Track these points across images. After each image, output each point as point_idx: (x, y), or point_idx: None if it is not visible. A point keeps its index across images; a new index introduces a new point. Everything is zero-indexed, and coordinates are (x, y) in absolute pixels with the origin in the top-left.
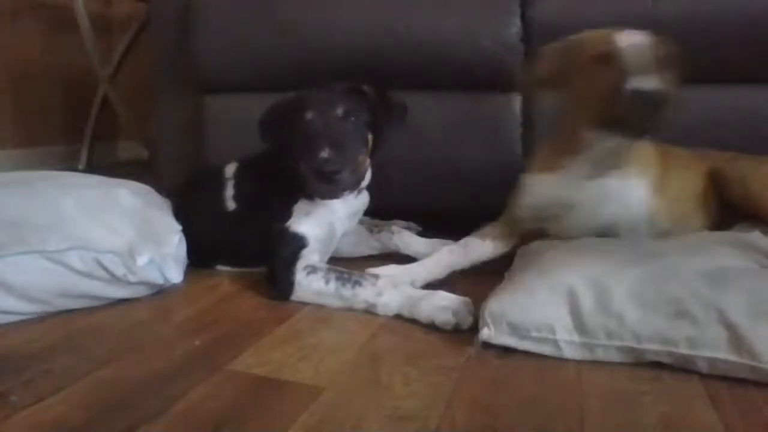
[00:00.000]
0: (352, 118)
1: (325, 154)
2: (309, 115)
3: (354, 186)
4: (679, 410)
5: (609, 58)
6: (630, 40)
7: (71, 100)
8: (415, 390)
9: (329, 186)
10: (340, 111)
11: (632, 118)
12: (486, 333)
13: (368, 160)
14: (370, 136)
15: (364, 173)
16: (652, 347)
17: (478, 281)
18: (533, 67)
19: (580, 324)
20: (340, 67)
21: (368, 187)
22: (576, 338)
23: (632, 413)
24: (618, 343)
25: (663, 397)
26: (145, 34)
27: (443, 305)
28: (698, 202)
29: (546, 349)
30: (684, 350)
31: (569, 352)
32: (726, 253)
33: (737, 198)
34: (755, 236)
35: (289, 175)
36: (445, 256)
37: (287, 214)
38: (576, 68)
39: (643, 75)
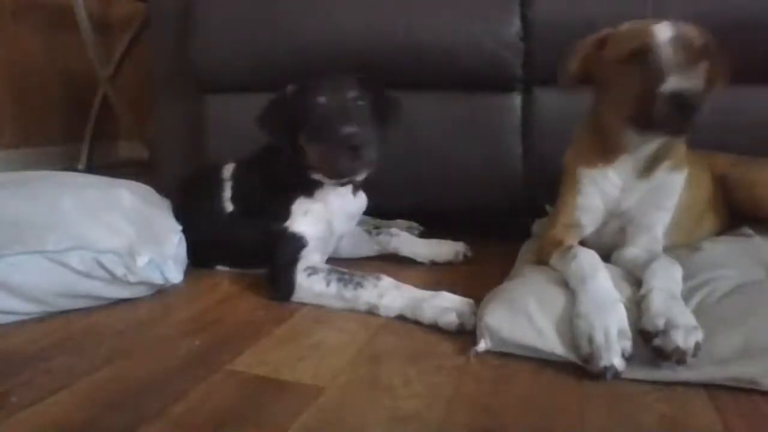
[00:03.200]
0: (360, 103)
1: (349, 129)
2: (322, 98)
3: (372, 166)
4: (679, 410)
5: (644, 56)
6: (666, 35)
7: (71, 100)
8: (415, 390)
9: (353, 162)
10: (351, 94)
11: (669, 120)
12: (483, 345)
13: None
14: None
15: (377, 154)
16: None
17: (479, 281)
18: (569, 62)
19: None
20: (340, 67)
21: (365, 188)
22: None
23: (632, 413)
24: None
25: (663, 397)
26: (145, 34)
27: (446, 306)
28: (710, 205)
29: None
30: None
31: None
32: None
33: (742, 201)
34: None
35: (290, 171)
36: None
37: (286, 214)
38: (611, 65)
39: (680, 73)
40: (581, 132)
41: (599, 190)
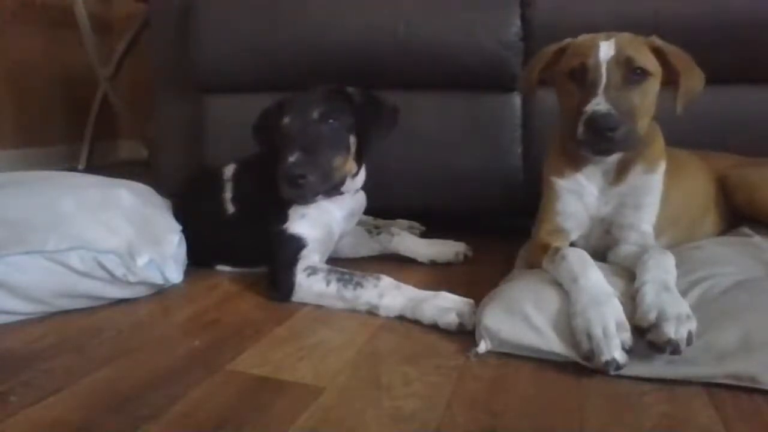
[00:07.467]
0: (330, 121)
1: (292, 158)
2: (286, 119)
3: (327, 190)
4: (679, 410)
5: (581, 75)
6: (604, 55)
7: (71, 100)
8: (415, 390)
9: (296, 190)
10: (316, 114)
11: (589, 140)
12: (483, 346)
13: (353, 163)
14: (352, 139)
15: (342, 177)
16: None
17: (479, 282)
18: (530, 68)
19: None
20: (340, 67)
21: (365, 188)
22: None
23: (632, 413)
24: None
25: (663, 397)
26: (145, 34)
27: (447, 306)
28: (710, 206)
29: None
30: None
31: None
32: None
33: (742, 204)
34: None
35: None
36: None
37: (284, 217)
38: (559, 79)
39: (606, 95)
40: (552, 140)
41: (576, 197)
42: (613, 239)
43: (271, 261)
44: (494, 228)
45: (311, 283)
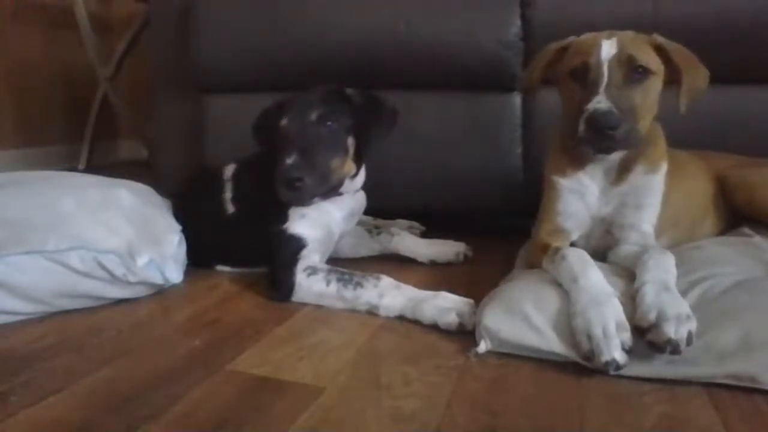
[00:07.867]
0: (329, 123)
1: (290, 160)
2: (284, 120)
3: (325, 192)
4: (679, 410)
5: (583, 74)
6: (605, 54)
7: (71, 100)
8: (415, 390)
9: (293, 193)
10: (314, 116)
11: (589, 138)
12: (483, 346)
13: (352, 164)
14: (351, 141)
15: (340, 179)
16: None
17: (479, 282)
18: (531, 67)
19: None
20: (340, 67)
21: (365, 188)
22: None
23: (632, 413)
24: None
25: (663, 397)
26: (145, 34)
27: (447, 306)
28: (710, 206)
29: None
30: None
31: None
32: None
33: (742, 204)
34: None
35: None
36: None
37: (284, 217)
38: (561, 77)
39: (607, 94)
40: (553, 139)
41: (577, 197)
42: (613, 239)
43: (271, 261)
44: (494, 228)
45: (311, 283)
